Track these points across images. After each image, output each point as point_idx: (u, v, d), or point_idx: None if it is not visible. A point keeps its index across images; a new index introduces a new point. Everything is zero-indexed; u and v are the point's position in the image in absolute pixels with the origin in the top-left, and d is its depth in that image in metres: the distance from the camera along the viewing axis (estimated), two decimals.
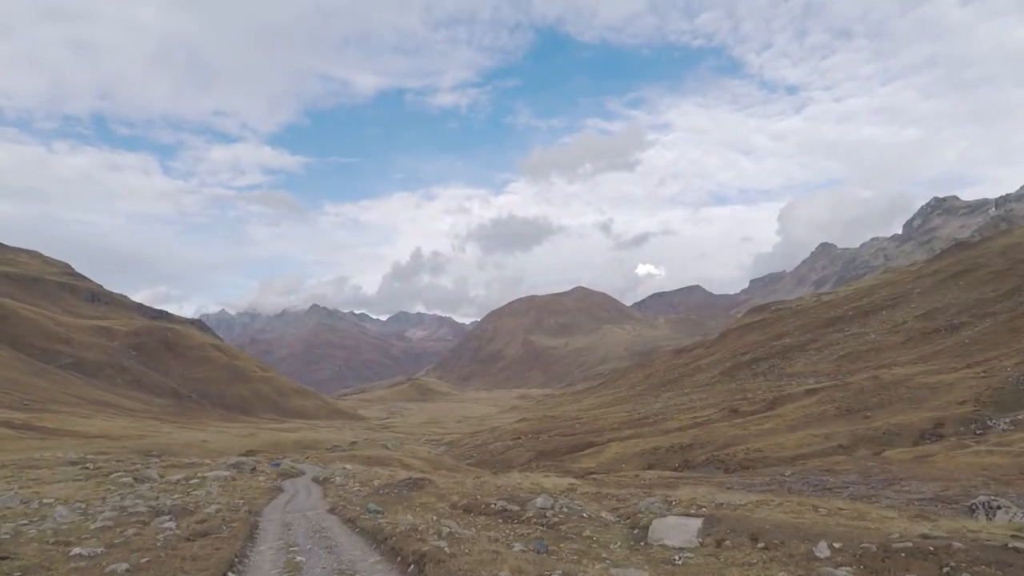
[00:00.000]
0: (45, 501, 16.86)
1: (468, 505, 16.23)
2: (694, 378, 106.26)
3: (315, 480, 30.60)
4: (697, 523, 11.13)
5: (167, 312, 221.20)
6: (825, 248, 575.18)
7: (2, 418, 65.09)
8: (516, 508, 14.76)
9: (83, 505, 16.26)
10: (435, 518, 14.13)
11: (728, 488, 21.15)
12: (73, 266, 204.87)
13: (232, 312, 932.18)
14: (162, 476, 25.36)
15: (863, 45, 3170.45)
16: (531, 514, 14.01)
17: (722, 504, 14.01)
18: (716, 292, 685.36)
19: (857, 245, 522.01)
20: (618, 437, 57.68)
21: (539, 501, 14.78)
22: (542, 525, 12.93)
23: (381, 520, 13.67)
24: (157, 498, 17.97)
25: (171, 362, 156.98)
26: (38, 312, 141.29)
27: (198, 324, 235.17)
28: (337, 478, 29.46)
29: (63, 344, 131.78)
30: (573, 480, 24.00)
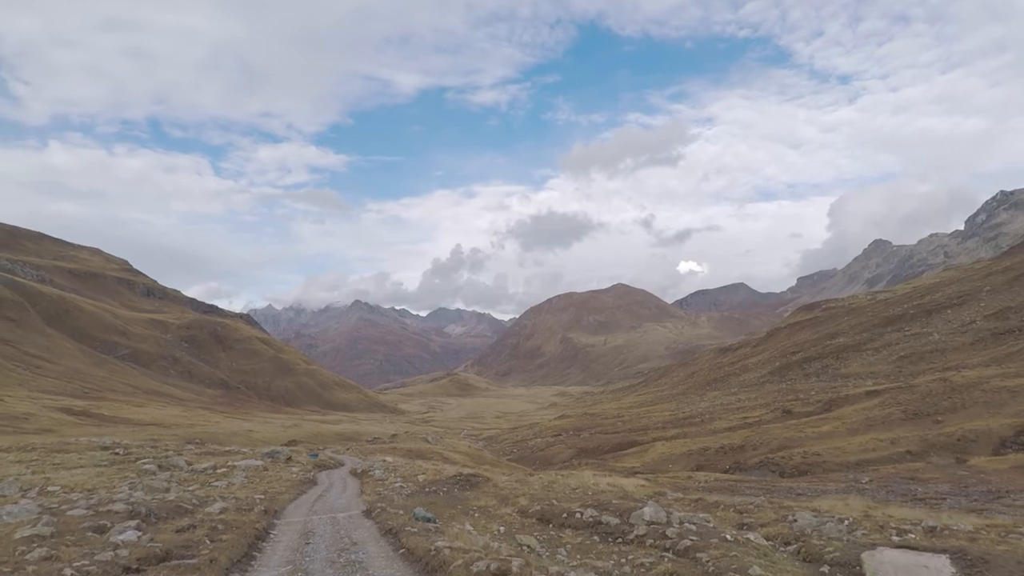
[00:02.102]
0: (50, 489, 16.00)
1: (543, 513, 13.28)
2: (741, 377, 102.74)
3: (353, 473, 28.56)
4: (945, 563, 7.46)
5: (217, 307, 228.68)
6: (879, 245, 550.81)
7: (63, 405, 67.88)
8: (615, 521, 11.70)
9: (60, 499, 14.16)
10: (502, 529, 11.73)
11: (840, 494, 18.90)
12: (131, 262, 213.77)
13: (278, 307, 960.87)
14: (190, 464, 24.33)
15: (923, 30, 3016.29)
16: (642, 531, 10.81)
17: (934, 528, 10.49)
18: (761, 290, 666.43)
19: (914, 242, 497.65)
20: (663, 436, 55.78)
21: (647, 512, 11.57)
22: (666, 550, 9.57)
23: (435, 536, 10.49)
24: (167, 490, 16.52)
25: (220, 354, 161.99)
26: (98, 306, 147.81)
27: (246, 318, 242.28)
28: (376, 471, 27.05)
29: (120, 336, 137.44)
30: (643, 480, 20.99)
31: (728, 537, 9.73)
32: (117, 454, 26.77)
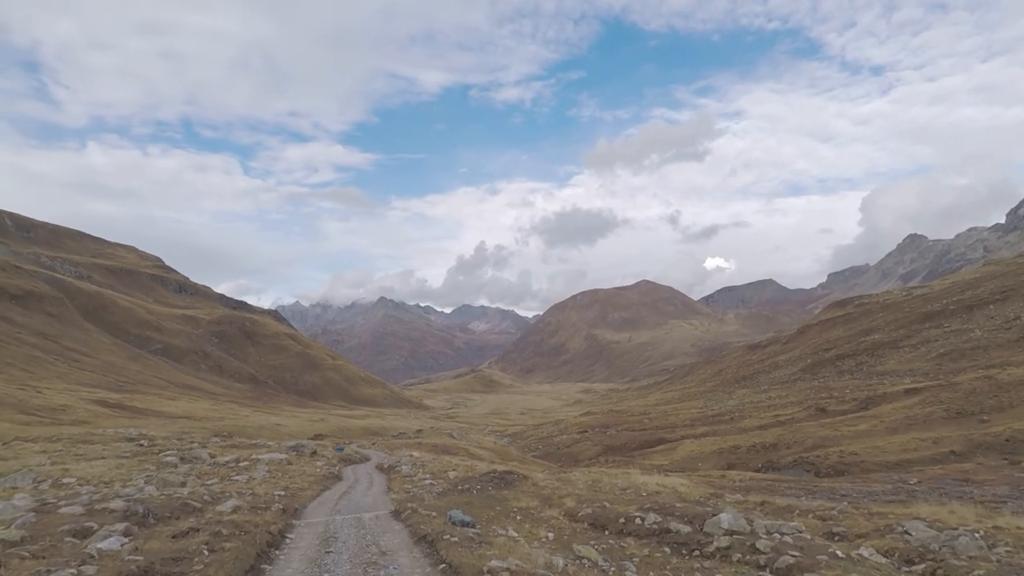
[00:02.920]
0: (65, 480, 15.63)
1: (596, 518, 11.81)
2: (771, 375, 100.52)
3: (379, 468, 27.74)
4: None
5: (246, 303, 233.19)
6: (914, 239, 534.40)
7: (99, 398, 69.59)
8: (685, 528, 10.17)
9: (67, 492, 13.57)
10: (551, 536, 10.42)
11: (889, 496, 17.64)
12: (164, 259, 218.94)
13: (305, 304, 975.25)
14: (213, 457, 23.96)
15: (962, 18, 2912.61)
16: (723, 543, 9.26)
17: None
18: (791, 287, 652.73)
19: (951, 236, 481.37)
20: (692, 434, 54.69)
21: (725, 520, 9.99)
22: (761, 568, 8.12)
23: (479, 546, 9.08)
24: (183, 484, 15.99)
25: (249, 349, 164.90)
26: (133, 302, 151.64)
27: (274, 314, 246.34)
28: (404, 467, 26.30)
29: (154, 331, 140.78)
30: (684, 479, 18.38)
31: (839, 554, 8.10)
32: (142, 446, 26.62)
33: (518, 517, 12.52)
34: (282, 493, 15.80)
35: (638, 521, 11.15)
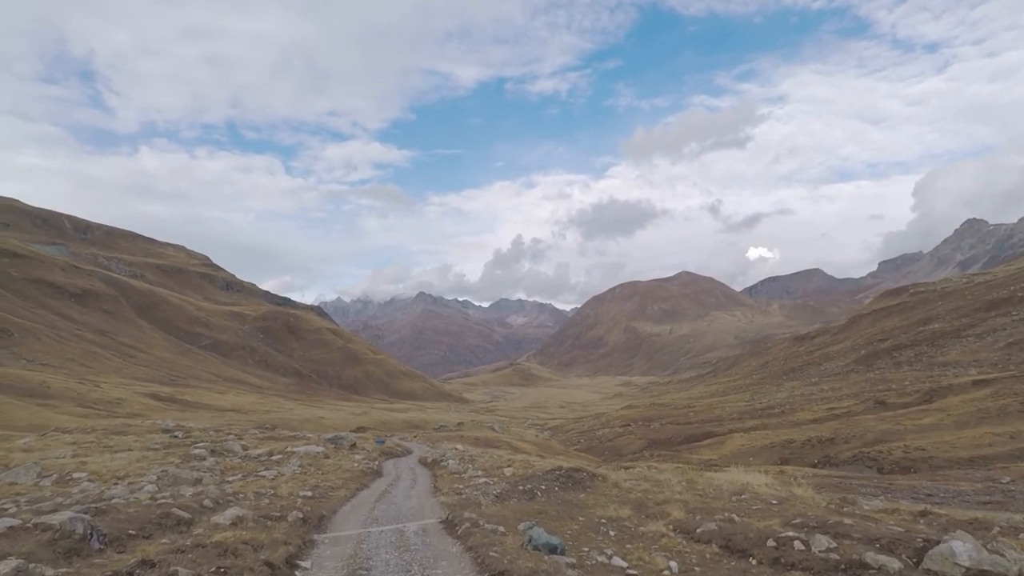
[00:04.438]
0: (76, 475, 14.70)
1: (728, 537, 8.73)
2: (822, 367, 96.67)
3: (423, 462, 25.99)
4: None
5: (290, 299, 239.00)
6: (973, 224, 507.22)
7: (151, 391, 71.98)
8: (893, 564, 6.78)
9: (51, 492, 12.42)
10: (675, 568, 7.70)
11: (983, 497, 15.62)
12: (211, 258, 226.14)
13: (347, 300, 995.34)
14: (245, 449, 23.09)
15: None
16: None
17: None
18: (838, 276, 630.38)
19: (1014, 220, 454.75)
20: (741, 428, 52.74)
21: (960, 550, 6.57)
22: None
23: None
24: (199, 480, 14.98)
25: (293, 344, 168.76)
26: (183, 299, 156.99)
27: (317, 310, 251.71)
28: (450, 461, 23.82)
29: (203, 327, 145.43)
30: (770, 478, 15.26)
31: None
32: (176, 437, 26.24)
33: (612, 533, 9.86)
34: (309, 494, 14.11)
35: (799, 545, 7.85)
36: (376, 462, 24.39)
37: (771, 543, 8.21)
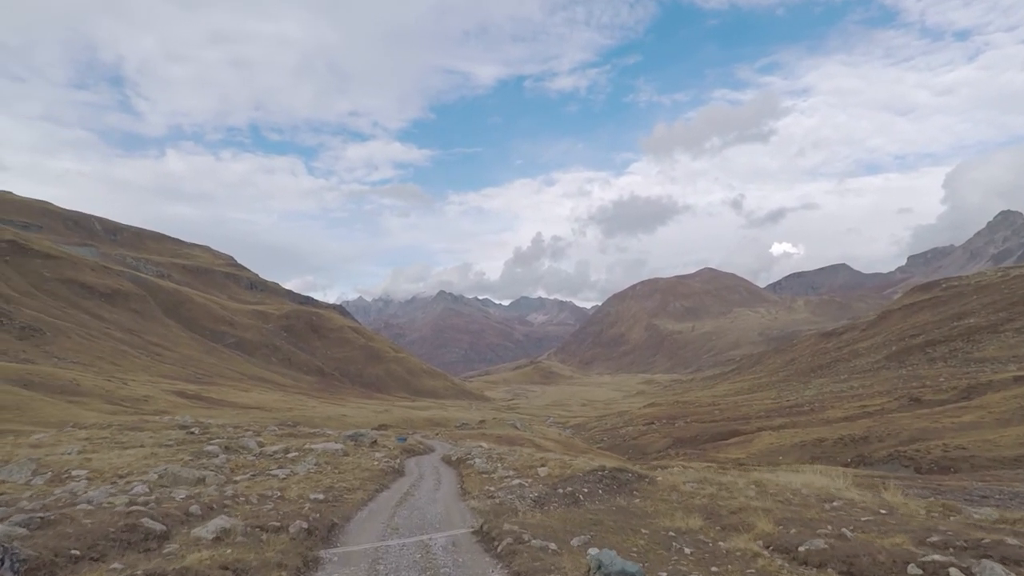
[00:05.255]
0: (74, 473, 14.07)
1: (850, 561, 6.70)
2: (851, 363, 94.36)
3: (447, 461, 24.84)
4: None
5: (312, 298, 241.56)
6: (1007, 217, 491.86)
7: (178, 389, 73.03)
8: None
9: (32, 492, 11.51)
10: None
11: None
12: (235, 258, 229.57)
13: (368, 299, 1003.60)
14: (261, 446, 22.45)
15: None
16: None
17: None
18: (865, 271, 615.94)
19: None
20: (769, 426, 51.51)
21: None
22: None
23: None
24: (201, 480, 14.13)
25: (316, 343, 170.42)
26: (208, 298, 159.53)
27: (339, 309, 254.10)
28: (477, 459, 22.26)
29: (228, 326, 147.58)
30: (832, 482, 13.34)
31: None
32: (192, 433, 25.84)
33: (687, 550, 7.96)
34: (320, 497, 12.67)
35: (957, 574, 6.06)
36: (398, 460, 23.47)
37: (915, 570, 6.24)
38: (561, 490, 12.97)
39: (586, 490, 12.95)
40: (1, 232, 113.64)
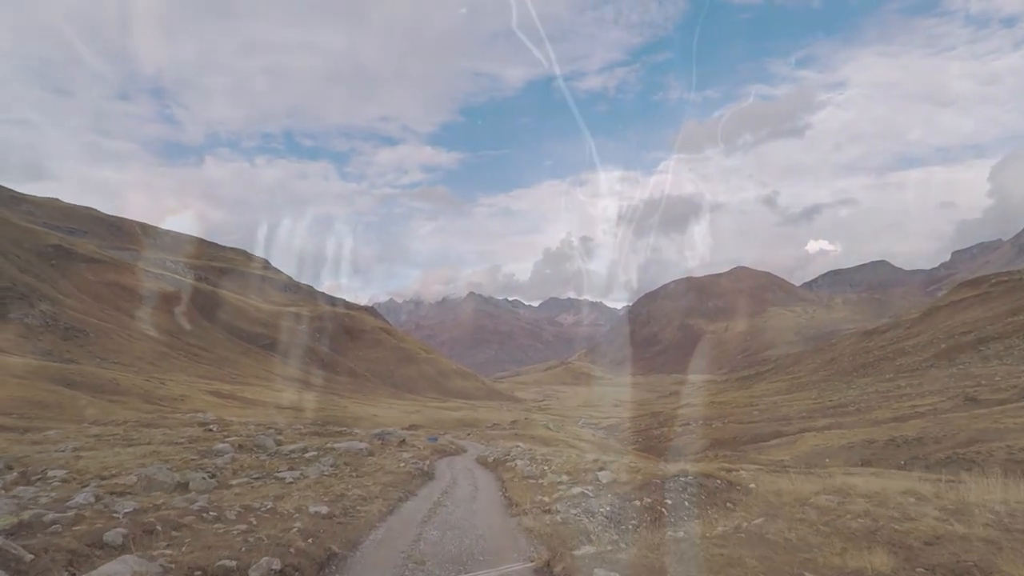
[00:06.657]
0: (50, 474, 13.08)
1: None
2: (897, 362, 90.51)
3: (482, 463, 22.58)
4: None
5: (345, 300, 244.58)
6: None
7: (214, 389, 74.27)
8: None
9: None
10: None
11: None
12: (270, 261, 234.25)
13: (399, 300, 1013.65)
14: (279, 445, 21.53)
15: None
16: None
17: None
18: (907, 267, 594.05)
19: None
20: (812, 427, 49.40)
21: None
22: None
23: None
24: (187, 483, 12.76)
25: (348, 344, 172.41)
26: (244, 301, 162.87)
27: (371, 311, 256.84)
28: (518, 461, 19.49)
29: (263, 328, 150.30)
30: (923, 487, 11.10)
31: None
32: (210, 431, 25.18)
33: None
34: (324, 511, 10.11)
35: None
36: (427, 461, 21.70)
37: None
38: (637, 502, 10.46)
39: (669, 502, 10.42)
40: (48, 237, 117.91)
